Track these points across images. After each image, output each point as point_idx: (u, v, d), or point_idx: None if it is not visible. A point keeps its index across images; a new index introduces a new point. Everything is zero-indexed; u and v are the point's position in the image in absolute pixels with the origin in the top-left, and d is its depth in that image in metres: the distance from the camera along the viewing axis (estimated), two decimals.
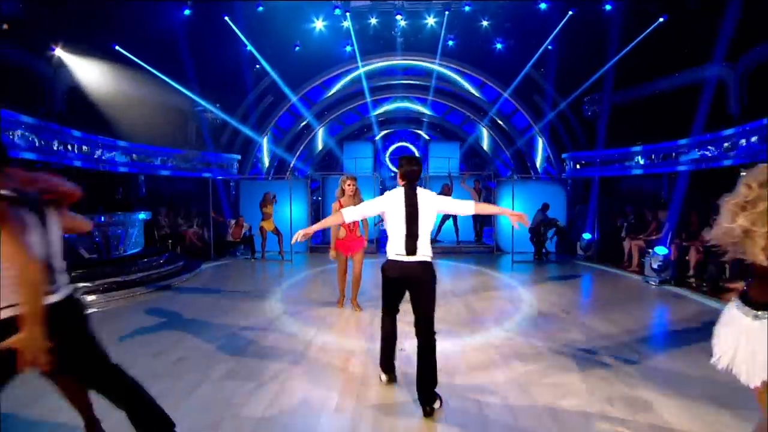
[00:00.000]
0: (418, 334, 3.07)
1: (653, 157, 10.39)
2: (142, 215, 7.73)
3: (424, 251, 3.07)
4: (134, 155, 10.37)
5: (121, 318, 5.30)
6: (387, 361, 3.44)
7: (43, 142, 7.84)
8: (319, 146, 16.21)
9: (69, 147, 8.38)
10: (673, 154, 9.55)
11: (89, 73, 9.63)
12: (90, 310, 5.50)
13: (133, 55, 10.60)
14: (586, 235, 9.00)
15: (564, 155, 12.82)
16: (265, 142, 14.20)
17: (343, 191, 5.39)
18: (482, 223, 11.27)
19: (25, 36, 8.55)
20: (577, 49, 12.02)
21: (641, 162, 10.54)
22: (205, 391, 3.35)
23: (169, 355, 4.07)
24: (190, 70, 11.68)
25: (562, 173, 12.67)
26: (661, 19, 10.47)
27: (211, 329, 4.80)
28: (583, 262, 8.99)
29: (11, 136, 7.39)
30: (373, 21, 13.22)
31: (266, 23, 12.59)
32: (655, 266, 6.77)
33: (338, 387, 3.44)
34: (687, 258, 6.72)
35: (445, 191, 10.15)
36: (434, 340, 3.06)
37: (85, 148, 8.79)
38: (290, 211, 9.23)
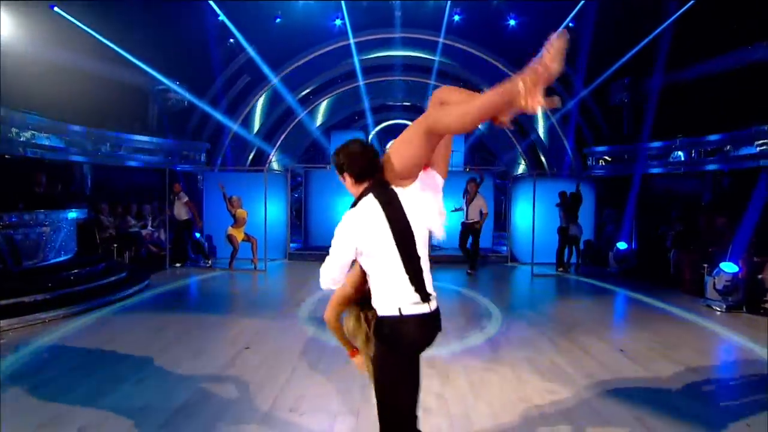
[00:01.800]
0: None
1: (693, 152, 9.49)
2: (73, 213, 6.47)
3: (432, 289, 1.91)
4: (73, 139, 9.08)
5: (15, 357, 4.07)
6: None
7: None
8: (293, 138, 14.98)
9: None
10: (726, 148, 8.56)
11: (18, 37, 8.28)
12: None
13: (77, 20, 9.32)
14: (622, 245, 7.99)
15: (586, 150, 11.89)
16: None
17: None
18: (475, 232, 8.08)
19: None
20: (602, 27, 11.05)
21: (682, 157, 9.60)
22: None
23: (67, 424, 2.90)
24: (150, 43, 10.44)
25: (584, 171, 11.72)
26: None
27: (141, 378, 3.60)
28: (620, 277, 7.95)
29: None
30: None
31: None
32: (720, 287, 5.76)
33: None
34: (760, 277, 5.72)
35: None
36: None
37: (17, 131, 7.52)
38: (265, 210, 8.06)
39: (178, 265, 8.39)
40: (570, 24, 11.86)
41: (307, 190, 10.22)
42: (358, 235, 1.82)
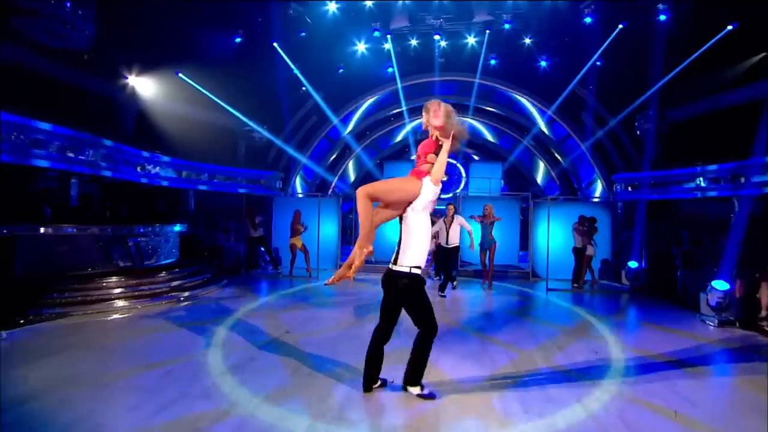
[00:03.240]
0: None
1: (717, 178, 9.16)
2: (177, 227, 8.02)
3: (407, 261, 3.25)
4: (183, 171, 10.98)
5: (137, 325, 5.41)
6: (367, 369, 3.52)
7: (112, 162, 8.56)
8: (352, 168, 16.24)
9: (137, 167, 9.13)
10: (742, 177, 8.32)
11: (155, 98, 10.46)
12: (113, 316, 5.72)
13: (193, 81, 11.34)
14: (633, 264, 7.96)
15: (615, 176, 11.74)
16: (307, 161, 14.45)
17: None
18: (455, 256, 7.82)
19: (104, 66, 9.51)
20: (628, 63, 11.09)
21: (703, 184, 9.32)
22: (176, 410, 3.19)
23: (160, 367, 4.00)
24: (239, 93, 12.25)
25: (614, 196, 11.57)
26: (730, 27, 9.33)
27: (213, 344, 4.70)
28: (629, 294, 7.94)
29: (91, 157, 8.23)
30: (414, 42, 13.17)
31: (311, 48, 12.97)
32: (712, 303, 5.75)
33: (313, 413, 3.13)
34: (758, 296, 5.62)
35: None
36: (430, 333, 3.35)
37: (149, 166, 9.54)
38: (318, 229, 9.16)
39: (252, 269, 9.70)
40: (598, 62, 12.01)
41: (356, 213, 11.19)
42: None
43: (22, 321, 5.20)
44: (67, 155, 7.54)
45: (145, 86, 10.33)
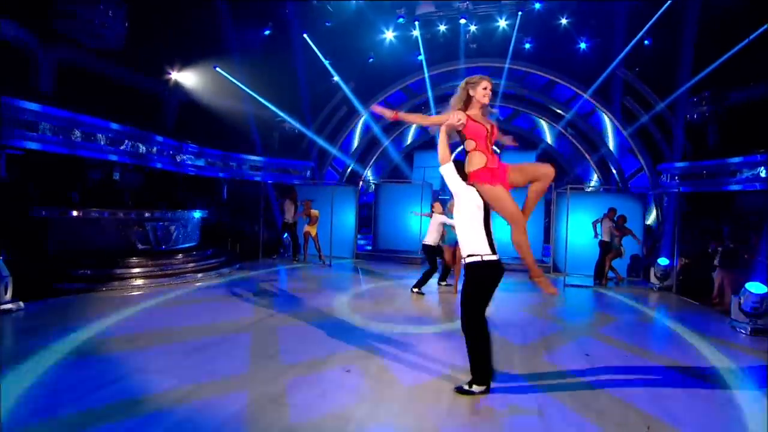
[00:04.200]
0: None
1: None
2: (197, 213, 8.38)
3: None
4: (218, 162, 11.49)
5: (144, 301, 5.70)
6: None
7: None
8: (381, 158, 16.02)
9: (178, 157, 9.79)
10: None
11: (194, 91, 11.01)
12: (126, 293, 6.10)
13: (229, 74, 11.76)
14: (663, 261, 7.09)
15: (661, 166, 10.57)
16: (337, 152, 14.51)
17: (467, 96, 3.22)
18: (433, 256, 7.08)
19: (149, 62, 10.17)
20: (678, 41, 9.86)
21: (763, 174, 8.12)
22: (125, 385, 3.29)
23: (139, 341, 4.17)
24: (272, 85, 12.51)
25: (657, 188, 10.43)
26: None
27: (196, 325, 4.83)
28: (656, 294, 7.09)
29: (149, 151, 8.99)
30: (442, 28, 12.68)
31: (339, 38, 12.92)
32: (746, 308, 4.96)
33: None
34: None
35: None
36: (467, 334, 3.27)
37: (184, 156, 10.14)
38: (331, 217, 9.16)
39: (270, 256, 9.92)
40: (645, 42, 10.83)
41: (378, 200, 11.07)
42: None
43: (45, 294, 5.68)
44: (125, 149, 8.42)
45: (185, 81, 10.89)
